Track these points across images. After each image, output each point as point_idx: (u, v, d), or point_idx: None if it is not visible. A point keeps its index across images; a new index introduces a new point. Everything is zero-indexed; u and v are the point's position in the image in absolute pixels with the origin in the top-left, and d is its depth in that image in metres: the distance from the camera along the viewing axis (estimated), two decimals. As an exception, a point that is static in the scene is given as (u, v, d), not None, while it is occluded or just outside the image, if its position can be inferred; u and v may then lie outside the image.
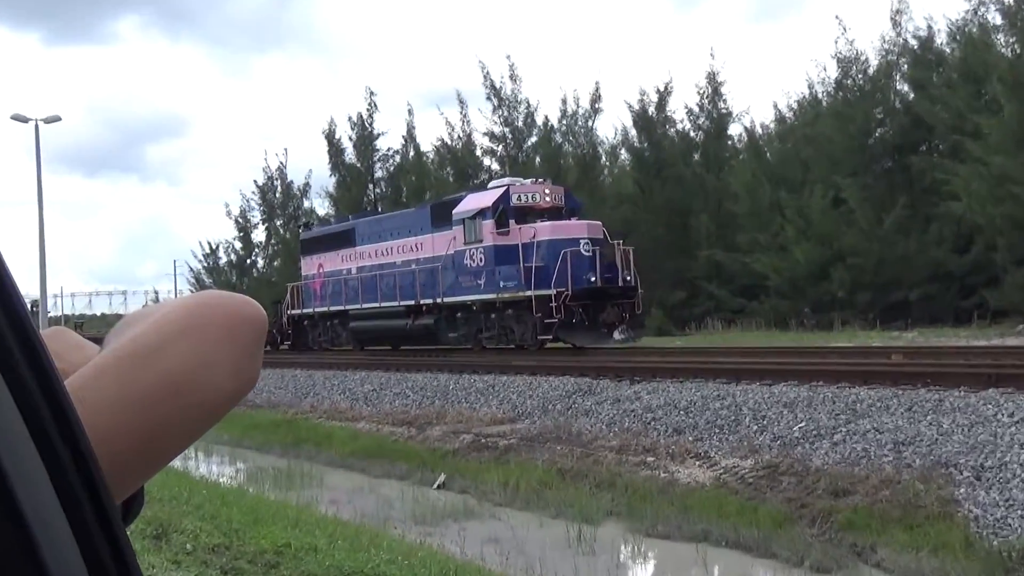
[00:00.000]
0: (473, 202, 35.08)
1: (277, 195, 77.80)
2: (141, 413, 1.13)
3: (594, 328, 31.89)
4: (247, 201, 79.82)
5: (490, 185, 37.21)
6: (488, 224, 33.99)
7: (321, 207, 74.81)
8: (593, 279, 31.93)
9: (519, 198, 34.20)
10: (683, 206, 55.03)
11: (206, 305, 1.20)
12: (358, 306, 41.44)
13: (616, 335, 32.07)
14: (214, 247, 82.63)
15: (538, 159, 58.73)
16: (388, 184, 68.93)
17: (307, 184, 78.36)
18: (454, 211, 35.50)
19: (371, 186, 69.26)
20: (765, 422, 18.13)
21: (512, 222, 33.70)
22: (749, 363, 23.94)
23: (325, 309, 43.71)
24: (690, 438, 18.61)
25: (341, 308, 42.58)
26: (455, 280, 35.21)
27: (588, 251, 32.44)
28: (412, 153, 67.54)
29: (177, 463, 20.93)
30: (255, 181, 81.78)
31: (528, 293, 32.40)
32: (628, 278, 32.64)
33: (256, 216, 79.15)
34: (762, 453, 16.97)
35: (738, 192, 52.41)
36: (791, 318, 46.34)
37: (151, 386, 1.14)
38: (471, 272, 34.55)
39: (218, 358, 1.17)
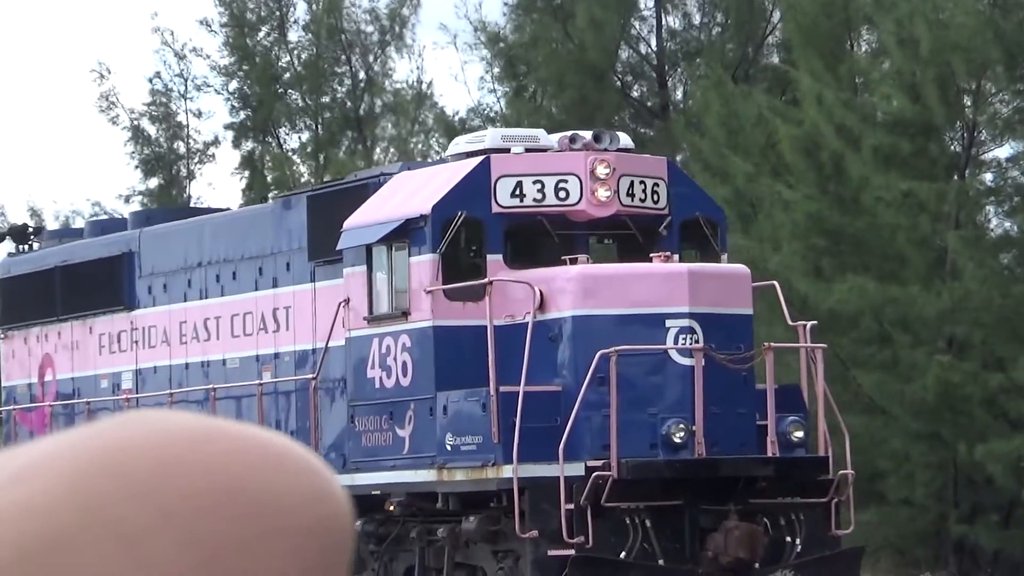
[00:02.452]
0: (392, 204, 14.58)
1: None
2: None
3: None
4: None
5: (452, 150, 16.36)
6: (423, 266, 14.48)
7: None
8: (681, 436, 13.70)
9: (518, 191, 14.69)
10: None
11: (139, 458, 0.56)
12: None
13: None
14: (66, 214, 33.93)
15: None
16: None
17: None
18: (345, 226, 14.67)
19: None
20: None
21: (499, 260, 14.69)
22: None
23: None
24: None
25: None
26: (347, 427, 15.60)
27: (685, 353, 13.60)
28: None
29: None
30: None
31: (507, 472, 13.44)
32: (799, 435, 13.73)
33: (212, 63, 32.96)
34: None
35: None
36: None
37: None
38: (381, 405, 15.10)
39: None
